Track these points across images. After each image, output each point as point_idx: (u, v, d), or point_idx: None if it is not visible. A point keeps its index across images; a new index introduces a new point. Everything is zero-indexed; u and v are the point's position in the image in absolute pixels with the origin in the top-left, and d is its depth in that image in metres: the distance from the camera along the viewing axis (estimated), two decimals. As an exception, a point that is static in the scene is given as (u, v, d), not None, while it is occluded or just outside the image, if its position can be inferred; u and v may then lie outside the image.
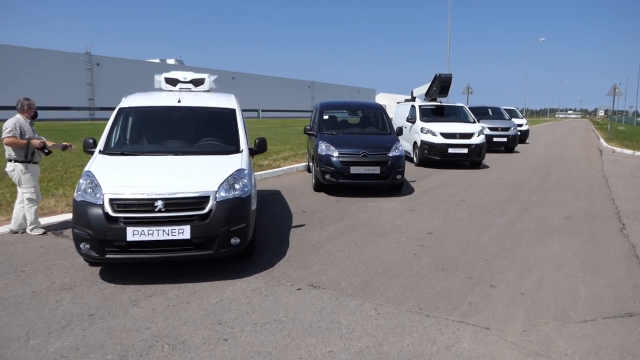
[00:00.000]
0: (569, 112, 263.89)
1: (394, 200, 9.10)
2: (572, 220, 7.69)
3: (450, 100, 17.64)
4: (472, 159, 14.06)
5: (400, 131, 10.61)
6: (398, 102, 18.92)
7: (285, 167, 12.60)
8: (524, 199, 9.44)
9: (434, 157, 13.90)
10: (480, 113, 21.51)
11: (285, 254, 5.68)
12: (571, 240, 6.49)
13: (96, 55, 63.44)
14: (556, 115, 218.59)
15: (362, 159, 9.15)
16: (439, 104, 15.88)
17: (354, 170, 9.10)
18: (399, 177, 9.32)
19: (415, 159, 14.66)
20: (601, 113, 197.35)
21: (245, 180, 5.05)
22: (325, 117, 10.70)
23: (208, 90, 7.19)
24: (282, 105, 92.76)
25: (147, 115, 6.16)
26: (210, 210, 4.66)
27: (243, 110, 7.57)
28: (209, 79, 7.03)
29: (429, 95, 16.34)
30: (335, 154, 9.21)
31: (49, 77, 56.32)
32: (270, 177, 11.72)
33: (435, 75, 15.56)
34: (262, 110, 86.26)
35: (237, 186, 4.95)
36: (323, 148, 9.41)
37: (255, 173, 11.35)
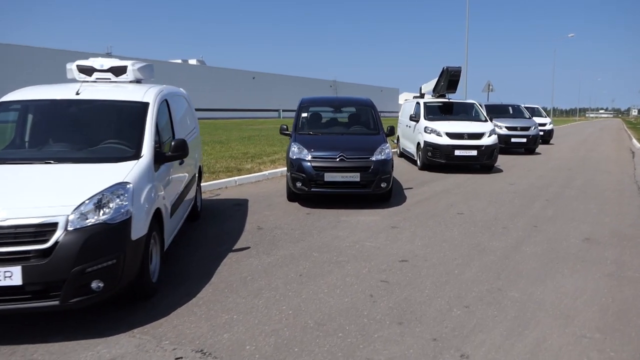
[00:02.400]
0: (600, 111, 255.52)
1: (376, 213, 7.61)
2: (593, 242, 6.08)
3: (470, 98, 16.02)
4: (483, 162, 12.41)
5: (392, 131, 9.09)
6: (405, 100, 17.33)
7: (267, 172, 11.20)
8: (536, 212, 7.82)
9: (438, 159, 12.30)
10: (499, 111, 19.78)
11: (197, 294, 4.27)
12: (589, 274, 4.91)
13: (116, 56, 63.13)
14: (587, 115, 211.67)
15: (338, 164, 7.69)
16: (446, 100, 14.25)
17: (328, 177, 7.64)
18: (383, 185, 7.81)
19: (418, 161, 13.09)
20: (634, 112, 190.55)
21: (125, 200, 3.66)
22: (304, 114, 9.26)
23: (138, 81, 5.87)
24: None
25: (32, 111, 4.86)
26: (56, 242, 3.28)
27: (264, 110, 6.52)
28: (132, 67, 5.67)
29: (436, 91, 14.73)
30: (308, 157, 7.77)
31: (69, 78, 56.19)
32: (246, 182, 10.34)
33: (443, 68, 13.94)
34: (283, 110, 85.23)
35: (111, 205, 3.57)
36: (295, 151, 7.99)
37: (229, 179, 10.02)
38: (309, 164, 7.70)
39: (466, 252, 5.62)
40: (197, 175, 6.75)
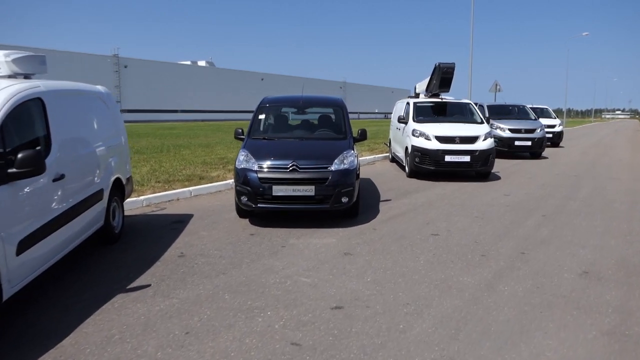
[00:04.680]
0: (617, 112, 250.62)
1: (334, 233, 6.37)
2: (593, 278, 4.77)
3: (476, 99, 14.68)
4: (477, 168, 11.08)
5: (363, 135, 7.85)
6: (399, 101, 16.04)
7: (231, 181, 9.98)
8: (528, 232, 6.52)
9: (427, 166, 11.01)
10: (502, 112, 18.43)
11: (24, 367, 3.07)
12: (581, 331, 3.62)
13: (123, 57, 62.56)
14: (603, 116, 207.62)
15: (289, 175, 6.46)
16: (439, 100, 12.94)
17: (277, 190, 6.42)
18: (344, 200, 6.57)
19: (406, 168, 11.81)
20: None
21: None
22: (261, 116, 8.05)
23: (26, 76, 4.73)
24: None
25: None
26: None
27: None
28: (6, 58, 4.51)
29: (429, 90, 13.42)
30: (255, 167, 6.57)
31: (76, 80, 55.23)
32: (204, 193, 9.16)
33: (435, 65, 12.63)
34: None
35: None
36: (241, 159, 6.79)
37: (184, 189, 8.87)
38: (255, 174, 6.50)
39: (425, 292, 4.36)
40: (107, 191, 5.56)
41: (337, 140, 7.45)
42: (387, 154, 15.78)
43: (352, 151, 6.99)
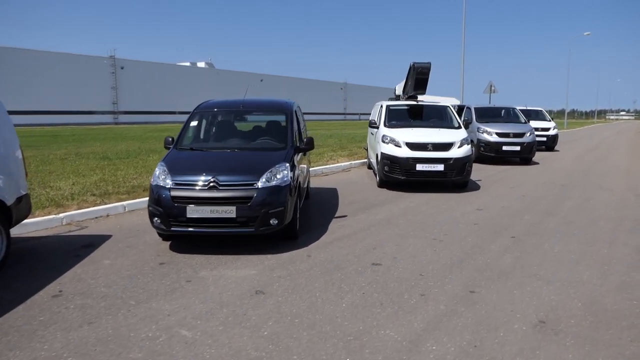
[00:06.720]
0: (622, 113, 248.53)
1: (260, 261, 5.43)
2: (548, 331, 3.80)
3: (473, 100, 13.73)
4: (452, 178, 10.08)
5: (310, 143, 6.92)
6: (377, 103, 15.03)
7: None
8: (487, 261, 5.54)
9: (397, 176, 10.03)
10: (490, 115, 17.41)
11: None
12: None
13: (120, 59, 61.85)
14: (607, 117, 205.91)
15: (206, 193, 5.52)
16: (414, 103, 11.94)
17: (192, 212, 5.48)
18: (273, 222, 5.61)
19: (377, 177, 10.84)
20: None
21: None
22: (193, 123, 7.11)
23: None
24: (313, 108, 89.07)
25: None
26: None
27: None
28: None
29: (405, 92, 12.45)
30: (168, 184, 5.62)
31: (72, 81, 54.94)
32: (140, 208, 8.21)
33: (410, 65, 11.64)
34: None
35: None
36: (156, 175, 5.86)
37: (118, 204, 7.97)
38: (167, 193, 5.55)
39: (327, 355, 3.40)
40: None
41: (274, 150, 6.49)
42: (365, 160, 14.82)
43: (287, 164, 6.02)
